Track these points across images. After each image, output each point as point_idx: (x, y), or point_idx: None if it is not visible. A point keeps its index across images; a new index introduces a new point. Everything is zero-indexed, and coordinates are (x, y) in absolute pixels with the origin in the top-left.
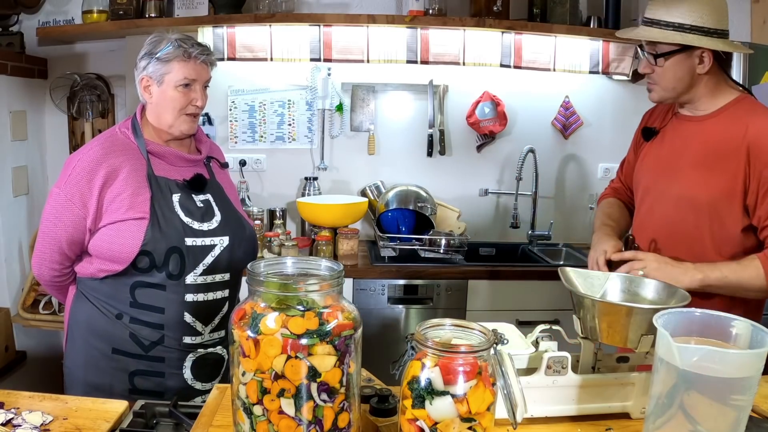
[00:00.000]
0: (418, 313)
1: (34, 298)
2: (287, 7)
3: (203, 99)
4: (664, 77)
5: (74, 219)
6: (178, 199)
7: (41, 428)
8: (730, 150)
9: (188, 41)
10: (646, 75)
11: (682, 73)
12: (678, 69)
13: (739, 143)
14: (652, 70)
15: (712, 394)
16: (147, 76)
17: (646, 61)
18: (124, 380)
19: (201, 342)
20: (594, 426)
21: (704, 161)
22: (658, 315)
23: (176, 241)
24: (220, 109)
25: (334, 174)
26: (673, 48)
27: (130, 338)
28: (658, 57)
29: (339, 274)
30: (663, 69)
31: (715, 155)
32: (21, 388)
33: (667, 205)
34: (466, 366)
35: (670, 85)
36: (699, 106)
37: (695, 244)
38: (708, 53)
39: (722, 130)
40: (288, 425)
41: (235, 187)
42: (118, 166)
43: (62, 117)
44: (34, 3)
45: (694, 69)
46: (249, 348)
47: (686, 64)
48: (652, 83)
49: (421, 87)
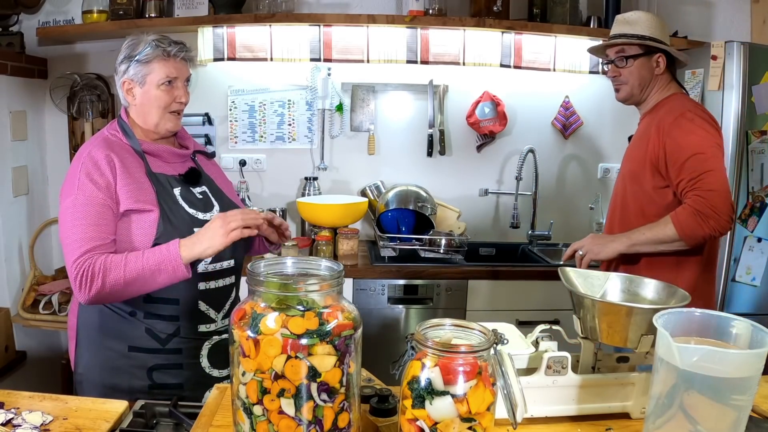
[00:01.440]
0: (418, 313)
1: (34, 298)
2: (287, 7)
3: (186, 95)
4: (632, 76)
5: (102, 211)
6: (179, 192)
7: (41, 428)
8: (648, 128)
9: (165, 40)
10: (614, 78)
11: (645, 72)
12: (642, 69)
13: (652, 121)
14: (619, 72)
15: (712, 394)
16: (128, 79)
17: (613, 66)
18: (143, 377)
19: (215, 329)
20: (594, 426)
21: (636, 143)
22: (658, 315)
23: (186, 231)
24: (220, 109)
25: (334, 174)
26: (638, 51)
27: (146, 333)
28: (628, 58)
29: (339, 274)
30: (630, 70)
31: (639, 135)
32: (21, 388)
33: (616, 185)
34: (466, 366)
35: (636, 82)
36: (649, 103)
37: (626, 209)
38: (662, 57)
39: (651, 118)
40: (288, 425)
41: (224, 175)
42: (121, 161)
43: (62, 117)
44: (34, 3)
45: (653, 70)
46: (249, 348)
47: (647, 66)
48: (619, 84)
49: (421, 87)
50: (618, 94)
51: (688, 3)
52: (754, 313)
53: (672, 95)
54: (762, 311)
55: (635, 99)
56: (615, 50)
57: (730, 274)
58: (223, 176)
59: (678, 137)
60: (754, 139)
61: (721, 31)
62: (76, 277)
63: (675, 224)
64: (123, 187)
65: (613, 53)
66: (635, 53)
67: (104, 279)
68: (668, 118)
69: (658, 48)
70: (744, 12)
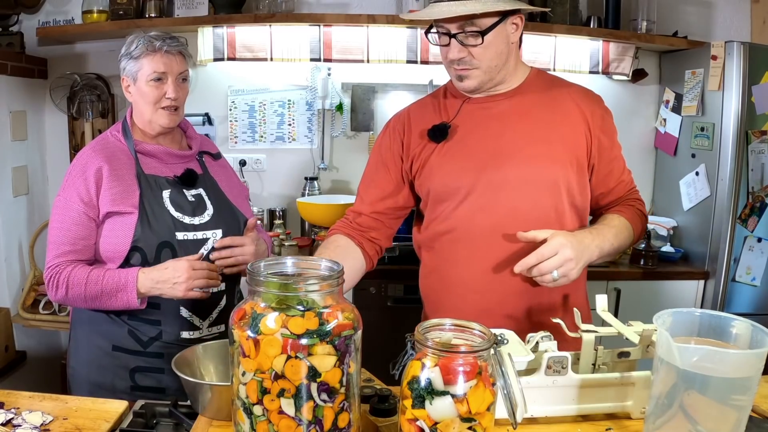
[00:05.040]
0: (417, 313)
1: (34, 298)
2: (287, 7)
3: (176, 91)
4: (486, 55)
5: (77, 217)
6: (168, 195)
7: (41, 428)
8: (565, 120)
9: (158, 36)
10: (458, 61)
11: (502, 45)
12: (498, 42)
13: (572, 111)
14: (468, 52)
15: (712, 394)
16: (125, 76)
17: (459, 45)
18: (125, 378)
19: (200, 337)
20: (594, 426)
21: (544, 137)
22: (658, 315)
23: (167, 236)
24: (220, 109)
25: (334, 174)
26: (496, 19)
27: (128, 335)
28: (485, 33)
29: (339, 274)
30: (483, 46)
31: (550, 128)
32: (21, 388)
33: (506, 193)
34: (466, 366)
35: (492, 62)
36: (506, 82)
37: (548, 217)
38: (520, 17)
39: (545, 104)
40: (288, 425)
41: (234, 177)
42: (109, 167)
43: (62, 117)
44: (34, 3)
45: (509, 38)
46: (249, 348)
47: (503, 34)
48: (468, 68)
49: (421, 87)
50: (464, 83)
51: (688, 3)
52: (754, 313)
53: (535, 70)
54: (762, 311)
55: (487, 85)
56: (457, 24)
57: (730, 274)
58: (232, 178)
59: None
60: (754, 139)
61: (721, 31)
62: (47, 281)
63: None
64: (107, 191)
65: (456, 27)
66: (494, 22)
67: (66, 291)
68: (596, 108)
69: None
70: (744, 12)
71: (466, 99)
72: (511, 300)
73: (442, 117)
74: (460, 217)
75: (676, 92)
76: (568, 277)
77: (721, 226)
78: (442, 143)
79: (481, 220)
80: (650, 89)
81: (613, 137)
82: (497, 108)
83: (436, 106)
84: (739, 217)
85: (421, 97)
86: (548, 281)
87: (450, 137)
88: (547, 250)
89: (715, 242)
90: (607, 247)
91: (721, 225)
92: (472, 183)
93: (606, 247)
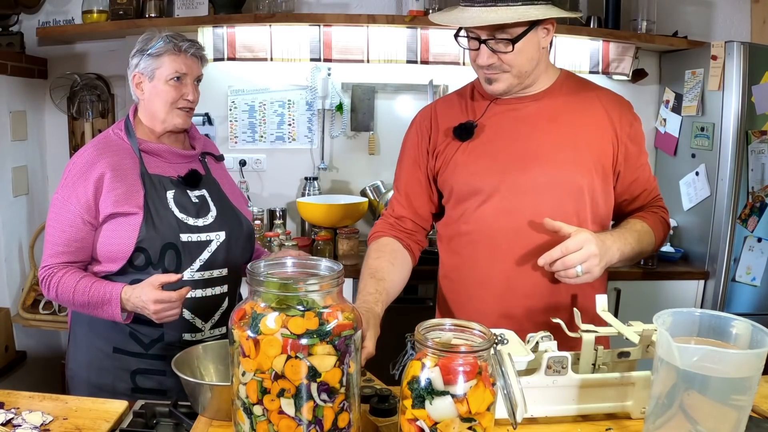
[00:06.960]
0: (417, 313)
1: (34, 298)
2: (287, 7)
3: (194, 94)
4: (516, 61)
5: (72, 219)
6: (172, 195)
7: (41, 428)
8: (592, 125)
9: (179, 37)
10: (488, 67)
11: (533, 51)
12: (530, 48)
13: (600, 116)
14: (497, 58)
15: (712, 394)
16: (139, 73)
17: (489, 51)
18: (126, 379)
19: (202, 338)
20: (594, 426)
21: (570, 142)
22: (658, 315)
23: (171, 237)
24: (220, 109)
25: (334, 174)
26: (527, 26)
27: (130, 337)
28: (516, 41)
29: (339, 274)
30: (513, 53)
31: (577, 133)
32: (21, 388)
33: (530, 196)
34: (466, 366)
35: (523, 68)
36: (535, 85)
37: (570, 222)
38: (552, 22)
39: (574, 108)
40: (288, 425)
41: (233, 181)
42: (112, 166)
43: (62, 117)
44: (34, 3)
45: (539, 44)
46: (249, 348)
47: (534, 40)
48: (498, 72)
49: (421, 87)
50: (493, 86)
51: (688, 3)
52: (754, 313)
53: (564, 73)
54: (762, 311)
55: (517, 89)
56: (487, 31)
57: (730, 274)
58: (231, 181)
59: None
60: (754, 139)
61: (721, 31)
62: (41, 280)
63: (656, 234)
64: (110, 193)
65: (486, 33)
66: (525, 30)
67: (56, 295)
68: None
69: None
70: (744, 12)
71: (493, 99)
72: (531, 303)
73: (468, 116)
74: (481, 219)
75: (676, 92)
76: (592, 274)
77: (721, 226)
78: (467, 142)
79: (503, 223)
80: (650, 89)
81: (641, 145)
82: (525, 110)
83: (463, 105)
84: (739, 217)
85: (448, 94)
86: (572, 276)
87: (476, 137)
88: (572, 243)
89: (715, 242)
90: (627, 250)
91: (721, 225)
92: (496, 184)
93: (627, 251)
